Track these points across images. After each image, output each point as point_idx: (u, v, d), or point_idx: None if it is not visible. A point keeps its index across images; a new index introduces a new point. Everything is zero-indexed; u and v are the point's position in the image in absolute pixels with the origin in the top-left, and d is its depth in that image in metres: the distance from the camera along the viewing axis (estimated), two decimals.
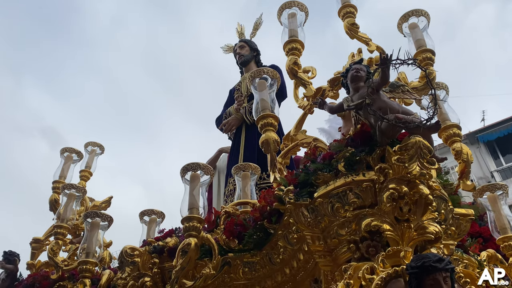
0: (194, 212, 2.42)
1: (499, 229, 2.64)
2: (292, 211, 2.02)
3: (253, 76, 2.61)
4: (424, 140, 1.73)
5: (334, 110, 2.20)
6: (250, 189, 3.00)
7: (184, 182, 2.58)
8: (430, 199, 1.75)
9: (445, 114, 2.57)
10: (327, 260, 1.98)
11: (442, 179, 2.09)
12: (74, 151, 4.22)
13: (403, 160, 1.73)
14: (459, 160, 2.44)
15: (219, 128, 4.76)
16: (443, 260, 1.45)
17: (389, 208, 1.75)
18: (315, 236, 1.99)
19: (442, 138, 2.53)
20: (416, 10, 2.80)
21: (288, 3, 2.89)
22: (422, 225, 1.77)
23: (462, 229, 2.10)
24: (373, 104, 1.88)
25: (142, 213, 3.63)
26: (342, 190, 1.90)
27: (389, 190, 1.74)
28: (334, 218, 1.92)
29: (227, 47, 5.44)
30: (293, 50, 2.71)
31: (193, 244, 2.30)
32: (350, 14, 2.90)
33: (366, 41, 2.81)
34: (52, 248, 3.41)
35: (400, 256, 1.63)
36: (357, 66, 2.11)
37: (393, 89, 2.05)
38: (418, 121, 1.75)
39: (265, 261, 2.33)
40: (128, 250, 2.62)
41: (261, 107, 2.48)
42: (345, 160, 1.95)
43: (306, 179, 2.03)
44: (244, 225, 2.48)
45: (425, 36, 2.73)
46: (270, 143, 2.32)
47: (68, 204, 3.60)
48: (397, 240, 1.74)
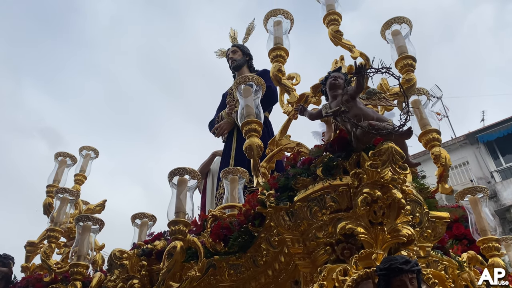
0: (181, 216, 2.48)
1: (480, 231, 2.70)
2: (273, 215, 2.09)
3: (238, 83, 2.67)
4: (396, 146, 1.79)
5: (314, 117, 2.27)
6: (238, 192, 3.06)
7: (172, 186, 2.65)
8: (402, 203, 1.81)
9: (425, 119, 2.64)
10: (306, 262, 2.04)
11: (418, 183, 2.15)
12: (68, 156, 4.28)
13: (376, 166, 1.79)
14: (437, 164, 2.50)
15: (211, 132, 4.83)
16: (409, 262, 1.51)
17: (363, 212, 1.81)
18: (294, 239, 2.05)
19: (422, 143, 2.59)
20: (399, 18, 2.87)
21: (273, 11, 2.96)
22: (395, 228, 1.83)
23: (438, 232, 2.16)
24: (349, 111, 1.94)
25: (134, 216, 3.70)
26: (320, 194, 1.97)
27: (363, 194, 1.80)
28: (313, 221, 1.98)
29: (220, 51, 5.51)
30: (278, 57, 2.78)
31: (178, 247, 2.36)
32: (335, 22, 2.97)
33: (349, 48, 2.87)
34: (45, 251, 3.47)
35: (372, 258, 1.70)
36: (335, 74, 2.18)
37: (369, 96, 2.12)
38: (390, 128, 1.81)
39: (250, 263, 2.39)
40: (117, 253, 2.68)
41: (245, 113, 2.55)
42: (323, 165, 2.01)
43: (286, 184, 2.10)
44: (230, 228, 2.55)
45: (407, 43, 2.80)
46: (253, 148, 2.39)
47: (61, 208, 3.66)
48: (371, 243, 1.80)
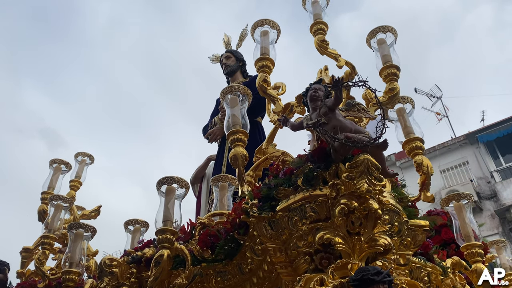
0: (168, 224, 2.53)
1: (464, 237, 2.74)
2: (255, 224, 2.13)
3: (225, 93, 2.72)
4: (371, 158, 1.84)
5: (296, 128, 2.31)
6: (227, 200, 3.10)
7: (160, 195, 2.70)
8: (379, 214, 1.85)
9: (409, 127, 2.68)
10: (288, 270, 2.08)
11: (398, 192, 2.19)
12: (63, 162, 4.34)
13: (352, 177, 1.84)
14: (420, 172, 2.54)
15: (204, 137, 4.88)
16: (381, 273, 1.55)
17: (340, 222, 1.86)
18: (277, 248, 2.09)
19: (405, 150, 2.63)
20: (383, 27, 2.91)
21: (260, 21, 3.01)
22: (373, 237, 1.87)
23: (418, 239, 2.20)
24: (327, 123, 1.99)
25: (127, 222, 3.75)
26: (301, 204, 2.01)
27: (340, 205, 1.85)
28: (293, 231, 2.02)
29: (214, 57, 5.57)
30: (264, 68, 2.83)
31: (165, 256, 2.41)
32: (321, 31, 3.01)
33: (335, 57, 2.92)
34: (39, 257, 3.52)
35: (348, 268, 1.74)
36: (316, 86, 2.22)
37: (349, 108, 2.17)
38: (366, 140, 1.86)
39: (236, 270, 2.43)
40: (107, 261, 2.73)
41: (232, 123, 2.59)
42: (304, 175, 2.06)
43: (268, 194, 2.14)
44: (217, 236, 2.59)
45: (391, 52, 2.84)
46: (238, 158, 2.43)
47: (55, 214, 3.71)
48: (349, 253, 1.85)
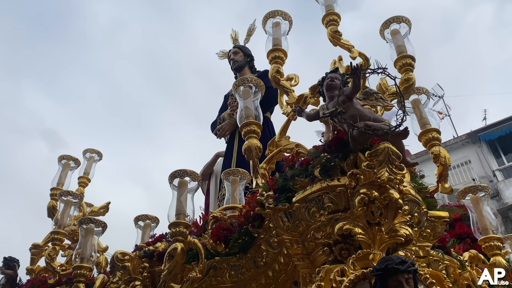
0: (181, 218, 2.50)
1: (481, 230, 2.69)
2: (272, 216, 2.10)
3: (237, 85, 2.68)
4: (392, 146, 1.79)
5: (312, 118, 2.27)
6: (239, 194, 3.07)
7: (172, 188, 2.67)
8: (400, 203, 1.81)
9: (425, 118, 2.63)
10: (305, 262, 2.05)
11: (417, 183, 2.15)
12: (72, 159, 4.32)
13: (372, 166, 1.80)
14: (437, 163, 2.49)
15: (213, 133, 4.85)
16: (405, 262, 1.51)
17: (360, 212, 1.82)
18: (293, 239, 2.06)
19: (422, 142, 2.59)
20: (397, 17, 2.86)
21: (272, 12, 2.97)
22: (393, 228, 1.83)
23: (438, 231, 2.16)
24: (346, 112, 1.95)
25: (137, 218, 3.72)
26: (318, 195, 1.98)
27: (360, 195, 1.81)
28: (311, 222, 1.99)
29: (221, 53, 5.53)
30: (276, 59, 2.79)
31: (179, 249, 2.37)
32: (334, 22, 2.97)
33: (348, 48, 2.88)
34: (49, 253, 3.50)
35: (370, 259, 1.70)
36: (332, 75, 2.18)
37: (366, 97, 2.13)
38: (386, 128, 1.82)
39: (250, 264, 2.40)
40: (119, 255, 2.70)
41: (245, 114, 2.56)
42: (321, 166, 2.02)
43: (284, 185, 2.10)
44: (230, 230, 2.56)
45: (406, 42, 2.80)
46: (252, 149, 2.40)
47: (65, 210, 3.69)
48: (369, 243, 1.81)
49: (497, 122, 15.39)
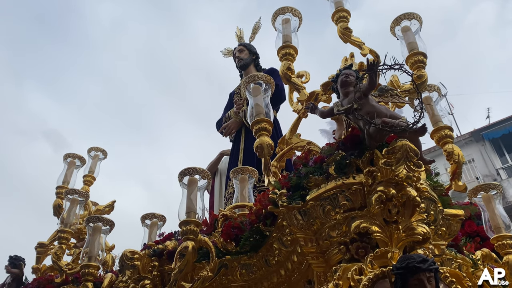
0: (192, 216, 2.47)
1: (494, 229, 2.67)
2: (285, 214, 2.07)
3: (247, 82, 2.66)
4: (410, 144, 1.77)
5: (325, 115, 2.25)
6: (247, 192, 3.05)
7: (182, 186, 2.64)
8: (417, 201, 1.79)
9: (437, 116, 2.61)
10: (320, 261, 2.02)
11: (432, 180, 2.13)
12: (77, 157, 4.30)
13: (390, 163, 1.77)
14: (450, 161, 2.47)
15: (219, 132, 4.83)
16: (427, 261, 1.49)
17: (377, 210, 1.79)
18: (307, 238, 2.03)
19: (434, 140, 2.56)
20: (409, 14, 2.84)
21: (282, 9, 2.95)
22: (410, 226, 1.80)
23: (453, 230, 2.14)
24: (361, 109, 1.92)
25: (144, 216, 3.70)
26: (333, 193, 1.95)
27: (377, 193, 1.78)
28: (326, 220, 1.96)
29: (226, 51, 5.51)
30: (287, 56, 2.77)
31: (190, 247, 2.35)
32: (343, 19, 2.95)
33: (359, 45, 2.85)
34: (56, 252, 3.48)
35: (388, 257, 1.68)
36: (346, 72, 2.16)
37: (381, 94, 2.10)
38: (404, 125, 1.79)
39: (261, 263, 2.38)
40: (128, 253, 2.68)
41: (255, 112, 2.53)
42: (336, 163, 1.99)
43: (298, 183, 2.08)
44: (241, 228, 2.53)
45: (417, 39, 2.77)
46: (264, 147, 2.37)
47: (71, 209, 3.66)
48: (386, 242, 1.78)
49: (500, 121, 15.36)
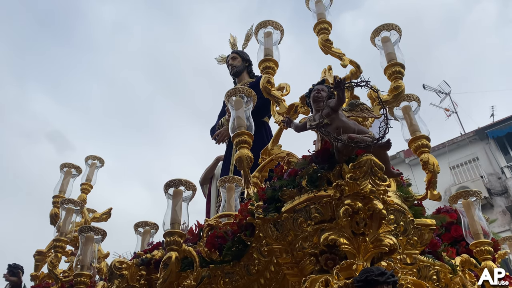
0: (176, 227, 2.55)
1: (473, 235, 2.72)
2: (261, 226, 2.14)
3: (229, 95, 2.73)
4: (375, 158, 1.83)
5: (300, 129, 2.31)
6: (234, 201, 3.12)
7: (167, 197, 2.72)
8: (383, 214, 1.85)
9: (415, 125, 2.66)
10: (294, 271, 2.09)
11: (403, 191, 2.19)
12: (73, 166, 4.40)
13: (356, 178, 1.83)
14: (426, 170, 2.52)
15: (212, 138, 4.91)
16: (385, 274, 1.55)
17: (345, 223, 1.86)
18: (283, 249, 2.10)
19: (412, 149, 2.62)
20: (387, 25, 2.89)
21: (263, 22, 3.02)
22: (378, 237, 1.87)
23: (425, 238, 2.19)
24: (331, 124, 1.99)
25: (137, 224, 3.79)
26: (305, 205, 2.01)
27: (344, 206, 1.85)
28: (299, 232, 2.02)
29: (220, 58, 5.59)
30: (267, 69, 2.83)
31: (173, 258, 2.43)
32: (325, 30, 3.01)
33: (339, 56, 2.91)
34: (51, 260, 3.58)
35: (353, 269, 1.74)
36: (318, 87, 2.22)
37: (352, 108, 2.16)
38: (369, 140, 1.85)
39: (243, 271, 2.44)
40: (117, 263, 2.76)
41: (236, 124, 2.60)
42: (308, 176, 2.06)
43: (273, 195, 2.15)
44: (224, 238, 2.61)
45: (396, 50, 2.83)
46: (243, 160, 2.44)
47: (66, 218, 3.76)
48: (354, 253, 1.85)
49: (505, 119, 15.29)
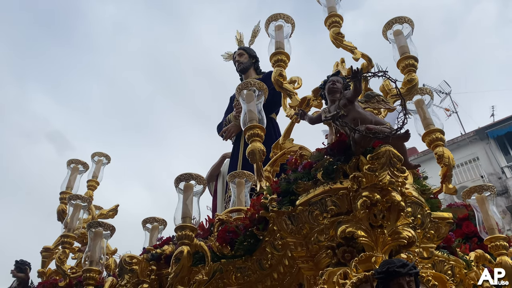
0: (187, 221, 2.52)
1: (487, 230, 2.68)
2: (275, 219, 2.12)
3: (240, 88, 2.71)
4: (393, 149, 1.80)
5: (314, 121, 2.29)
6: (244, 196, 3.09)
7: (178, 191, 2.70)
8: (402, 206, 1.82)
9: (429, 118, 2.63)
10: (310, 265, 2.06)
11: (420, 184, 2.15)
12: (80, 163, 4.39)
13: (374, 169, 1.81)
14: (441, 164, 2.49)
15: (219, 135, 4.88)
16: (407, 265, 1.52)
17: (363, 215, 1.83)
18: (297, 242, 2.07)
19: (425, 143, 2.59)
20: (400, 18, 2.86)
21: (274, 15, 2.99)
22: (396, 230, 1.84)
23: (442, 232, 2.16)
24: (347, 115, 1.96)
25: (145, 220, 3.76)
26: (321, 198, 1.99)
27: (362, 198, 1.82)
28: (314, 225, 2.00)
29: (227, 54, 5.56)
30: (279, 62, 2.81)
31: (185, 252, 2.41)
32: (336, 24, 2.98)
33: (351, 50, 2.88)
34: (59, 256, 3.56)
35: (372, 262, 1.72)
36: (333, 79, 2.19)
37: (368, 100, 2.14)
38: (387, 131, 1.82)
39: (256, 266, 2.42)
40: (127, 258, 2.74)
41: (248, 118, 2.58)
42: (323, 169, 2.03)
43: (287, 188, 2.12)
44: (236, 232, 2.58)
45: (408, 43, 2.80)
46: (256, 153, 2.42)
47: (74, 214, 3.75)
48: (372, 246, 1.82)
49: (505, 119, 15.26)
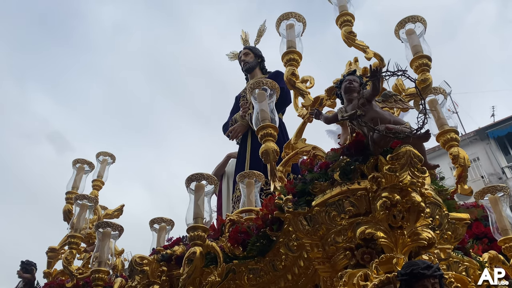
0: (199, 221, 2.50)
1: (501, 231, 2.66)
2: (291, 220, 2.09)
3: (253, 87, 2.68)
4: (414, 149, 1.78)
5: (330, 120, 2.26)
6: (254, 196, 3.07)
7: (189, 192, 2.67)
8: (422, 207, 1.80)
9: (443, 118, 2.61)
10: (326, 266, 2.04)
11: (437, 185, 2.13)
12: (86, 162, 4.35)
13: (394, 170, 1.78)
14: (456, 164, 2.47)
15: (225, 135, 4.85)
16: (431, 267, 1.50)
17: (382, 216, 1.81)
18: (313, 243, 2.05)
19: (440, 143, 2.57)
20: (413, 17, 2.84)
21: (285, 14, 2.97)
22: (415, 231, 1.82)
23: (459, 233, 2.14)
24: (365, 115, 1.94)
25: (152, 221, 3.73)
26: (338, 199, 1.97)
27: (382, 199, 1.79)
28: (331, 226, 1.98)
29: (232, 54, 5.53)
30: (291, 61, 2.78)
31: (198, 253, 2.38)
32: (348, 23, 2.96)
33: (363, 49, 2.86)
34: (66, 257, 3.53)
35: (393, 263, 1.69)
36: (350, 78, 2.17)
37: (385, 99, 2.11)
38: (408, 131, 1.80)
39: (269, 267, 2.40)
40: (137, 259, 2.71)
41: (261, 117, 2.55)
42: (341, 169, 2.01)
43: (303, 188, 2.10)
44: (248, 233, 2.55)
45: (421, 42, 2.77)
46: (269, 153, 2.39)
47: (80, 214, 3.72)
48: (391, 247, 1.79)
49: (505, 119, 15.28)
